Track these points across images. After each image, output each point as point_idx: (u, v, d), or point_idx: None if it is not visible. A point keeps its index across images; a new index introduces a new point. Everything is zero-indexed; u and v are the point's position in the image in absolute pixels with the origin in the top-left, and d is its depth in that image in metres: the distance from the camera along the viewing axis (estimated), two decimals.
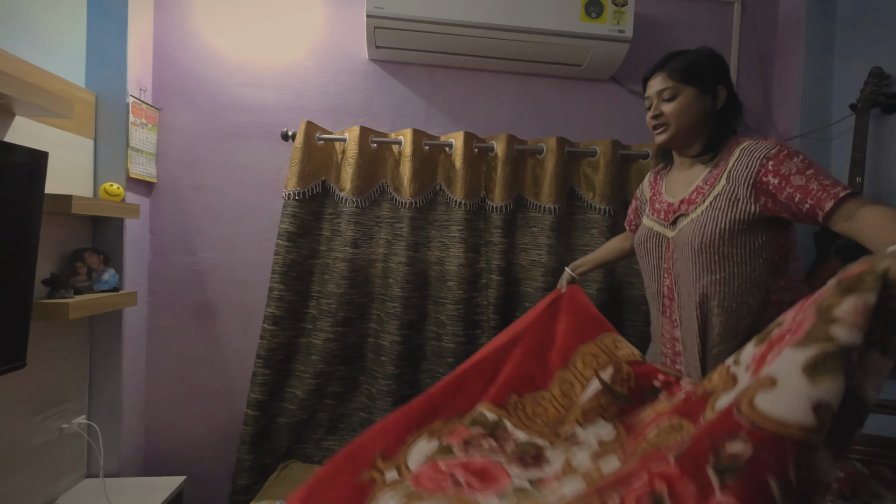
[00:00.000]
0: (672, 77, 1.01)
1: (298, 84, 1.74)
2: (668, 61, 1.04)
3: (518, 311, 1.73)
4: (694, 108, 1.01)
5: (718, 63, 1.04)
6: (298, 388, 1.64)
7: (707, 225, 0.98)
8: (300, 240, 1.63)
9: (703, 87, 1.01)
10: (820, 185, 0.85)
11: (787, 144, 0.93)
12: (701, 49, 1.05)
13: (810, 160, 0.90)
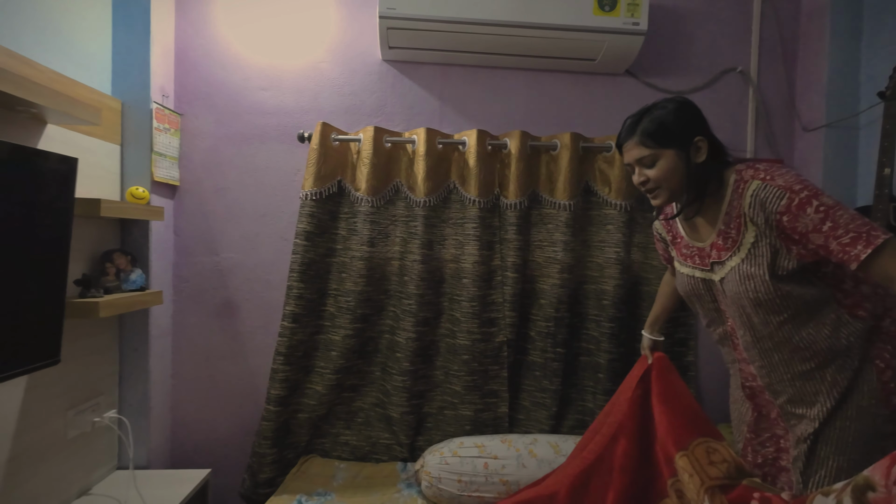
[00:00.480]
0: (645, 144, 0.97)
1: (314, 86, 1.78)
2: (636, 126, 1.00)
3: (534, 307, 1.74)
4: (679, 168, 0.97)
5: (688, 114, 0.99)
6: (319, 384, 1.68)
7: (755, 277, 0.93)
8: (317, 239, 1.66)
9: (681, 145, 0.97)
10: (839, 245, 0.81)
11: (797, 184, 0.86)
12: (665, 103, 1.00)
13: (827, 205, 0.83)
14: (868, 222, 0.81)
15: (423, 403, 1.73)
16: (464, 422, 1.69)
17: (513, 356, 1.72)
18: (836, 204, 0.84)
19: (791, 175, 0.89)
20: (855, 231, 0.80)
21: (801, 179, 0.88)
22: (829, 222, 0.82)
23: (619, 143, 1.05)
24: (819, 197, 0.84)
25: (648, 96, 1.83)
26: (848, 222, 0.81)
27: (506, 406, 1.70)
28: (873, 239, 0.78)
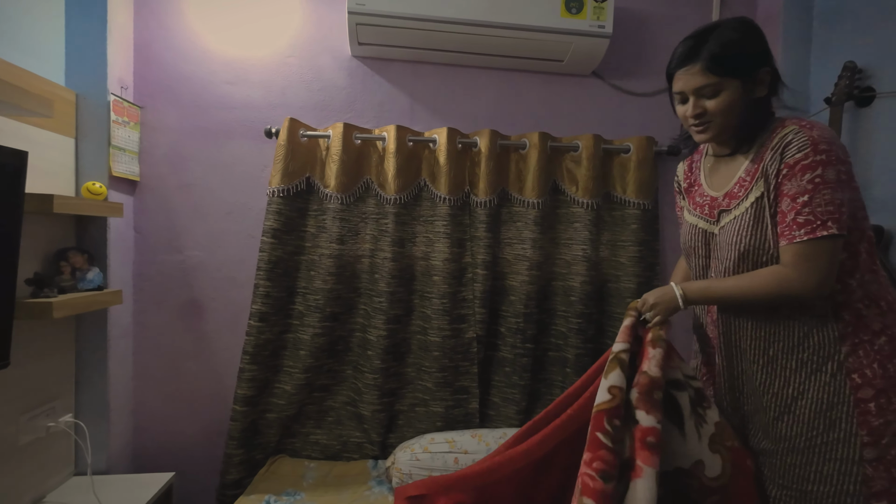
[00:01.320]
0: (712, 71, 0.86)
1: (282, 81, 1.75)
2: (701, 47, 0.87)
3: (503, 304, 1.76)
4: (740, 103, 0.88)
5: (760, 41, 0.89)
6: (287, 383, 1.66)
7: (749, 227, 0.89)
8: (285, 236, 1.64)
9: (748, 76, 0.87)
10: (794, 220, 0.80)
11: (823, 144, 0.81)
12: (735, 23, 0.89)
13: (824, 181, 0.79)
14: (835, 213, 0.79)
15: (395, 401, 1.74)
16: (435, 418, 1.70)
17: (483, 352, 1.74)
18: (833, 182, 0.79)
19: (827, 133, 0.83)
20: (815, 215, 0.78)
21: (832, 141, 0.82)
22: (807, 196, 0.80)
23: (672, 68, 0.92)
24: (827, 167, 0.80)
25: (614, 97, 1.88)
26: (819, 204, 0.79)
27: (476, 402, 1.72)
28: (817, 230, 0.78)
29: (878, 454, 0.82)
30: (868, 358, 0.84)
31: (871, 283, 0.87)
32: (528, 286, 1.72)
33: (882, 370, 0.83)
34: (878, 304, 0.86)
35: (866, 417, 0.83)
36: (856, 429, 0.83)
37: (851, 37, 1.66)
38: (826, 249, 0.79)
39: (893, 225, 1.49)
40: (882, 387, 0.83)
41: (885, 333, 0.85)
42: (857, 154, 1.61)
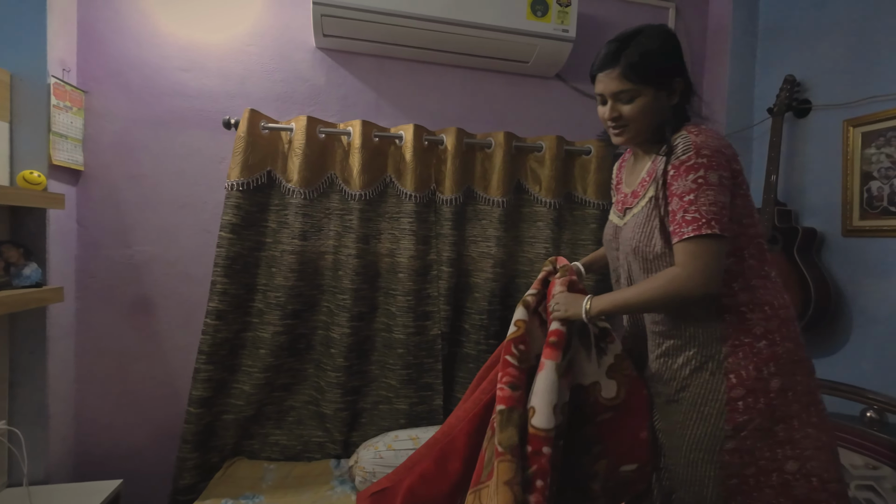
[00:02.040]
0: (629, 78, 0.90)
1: (242, 70, 1.68)
2: (621, 53, 0.91)
3: (468, 300, 1.78)
4: (654, 108, 0.92)
5: (676, 52, 0.93)
6: (246, 383, 1.61)
7: (641, 225, 0.94)
8: (245, 232, 1.58)
9: (662, 84, 0.92)
10: (683, 218, 0.84)
11: (705, 150, 0.85)
12: (652, 33, 0.93)
13: (706, 182, 0.83)
14: (718, 213, 0.82)
15: (358, 399, 1.72)
16: (399, 416, 1.69)
17: (447, 349, 1.75)
18: (715, 185, 0.83)
19: (713, 141, 0.87)
20: (700, 213, 0.82)
21: (716, 149, 0.85)
22: (693, 195, 0.83)
23: (594, 69, 0.96)
24: (709, 171, 0.83)
25: (577, 100, 1.93)
26: (703, 204, 0.82)
27: (440, 398, 1.73)
28: (703, 228, 0.81)
29: (737, 445, 0.88)
30: (746, 360, 0.88)
31: (758, 288, 0.90)
32: (492, 283, 1.74)
33: (756, 372, 0.87)
34: (762, 308, 0.89)
35: (733, 414, 0.88)
36: (723, 424, 0.88)
37: (792, 52, 1.78)
38: (710, 248, 0.82)
39: (826, 228, 1.62)
40: (752, 387, 0.87)
41: (766, 338, 0.88)
42: (794, 162, 1.74)
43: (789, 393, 0.87)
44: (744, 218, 0.90)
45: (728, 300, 0.90)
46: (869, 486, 1.32)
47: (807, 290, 1.53)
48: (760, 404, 0.87)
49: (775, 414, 0.87)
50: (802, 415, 0.89)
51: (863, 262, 1.51)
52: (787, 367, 0.88)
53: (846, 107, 1.57)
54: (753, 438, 0.87)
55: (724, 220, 0.82)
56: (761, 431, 0.87)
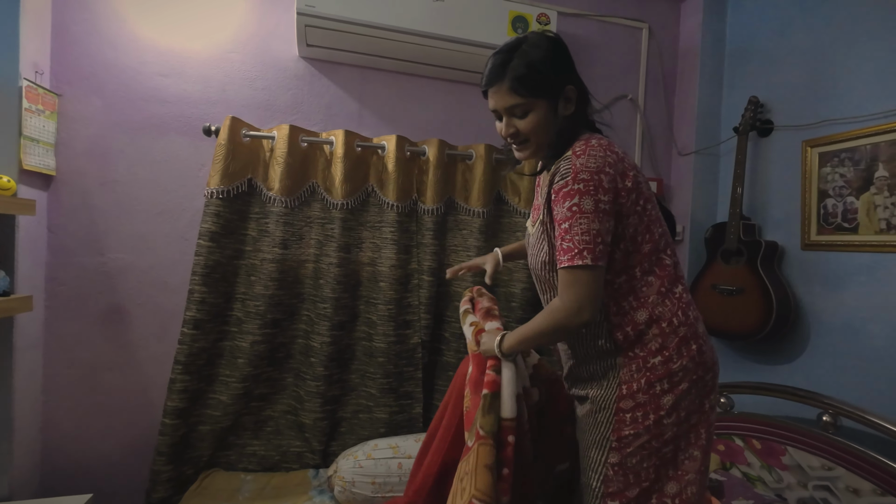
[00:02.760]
0: (518, 92, 0.87)
1: (223, 77, 1.67)
2: (505, 68, 0.87)
3: (448, 309, 1.80)
4: (550, 120, 0.89)
5: (562, 56, 0.89)
6: (223, 393, 1.59)
7: (536, 246, 0.94)
8: (224, 240, 1.57)
9: (553, 95, 0.89)
10: (561, 247, 0.83)
11: (584, 173, 0.82)
12: (536, 41, 0.88)
13: (580, 210, 0.81)
14: (590, 243, 0.81)
15: (338, 408, 1.71)
16: (378, 424, 1.70)
17: (427, 357, 1.77)
18: (589, 213, 0.81)
19: (594, 161, 0.83)
20: (574, 244, 0.81)
21: (595, 171, 0.82)
22: (567, 223, 0.82)
23: (483, 85, 0.92)
24: (584, 197, 0.81)
25: None
26: (577, 233, 0.81)
27: (420, 407, 1.74)
28: (575, 258, 0.81)
29: (620, 460, 0.87)
30: (639, 373, 0.87)
31: (657, 304, 0.88)
32: None
33: (647, 386, 0.86)
34: (659, 324, 0.88)
35: (620, 426, 0.87)
36: (609, 433, 0.89)
37: (756, 74, 1.88)
38: (581, 278, 0.81)
39: (787, 242, 1.72)
40: (642, 401, 0.87)
41: (661, 354, 0.87)
42: (757, 178, 1.84)
43: (682, 412, 0.86)
44: (638, 235, 0.88)
45: (618, 318, 0.89)
46: (825, 486, 1.40)
47: (769, 301, 1.61)
48: (649, 420, 0.86)
49: (664, 434, 0.86)
50: (691, 436, 0.87)
51: (819, 275, 1.61)
52: (682, 386, 0.86)
53: (805, 128, 1.67)
54: (639, 457, 0.86)
55: (596, 248, 0.81)
56: (647, 451, 0.86)
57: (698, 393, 0.88)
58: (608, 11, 2.02)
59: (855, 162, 1.51)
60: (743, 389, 1.68)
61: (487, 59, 0.92)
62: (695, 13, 2.03)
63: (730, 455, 1.66)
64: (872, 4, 1.50)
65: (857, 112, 1.51)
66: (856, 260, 1.51)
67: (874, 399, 1.42)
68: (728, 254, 1.76)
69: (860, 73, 1.52)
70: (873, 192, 1.46)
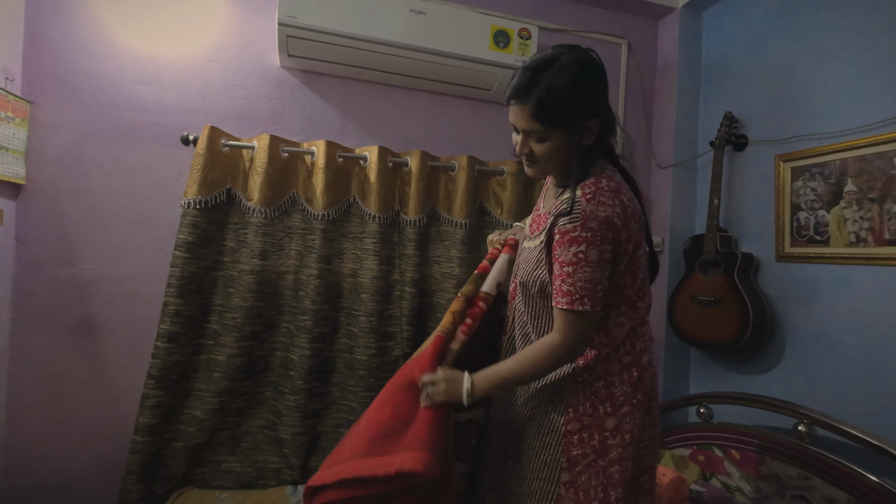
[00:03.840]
0: (538, 119, 0.86)
1: (203, 86, 1.65)
2: (530, 90, 0.86)
3: (430, 321, 1.79)
4: (565, 149, 0.90)
5: (588, 88, 0.87)
6: (198, 409, 1.54)
7: (532, 262, 0.95)
8: (201, 251, 1.53)
9: (574, 128, 0.88)
10: (559, 289, 0.86)
11: (593, 222, 0.85)
12: (567, 65, 0.85)
13: (585, 258, 0.84)
14: (592, 290, 0.84)
15: (318, 422, 1.68)
16: None
17: None
18: (594, 262, 0.84)
19: (604, 210, 0.85)
20: (575, 289, 0.84)
21: (604, 221, 0.85)
22: (571, 268, 0.84)
23: (507, 97, 0.91)
24: (591, 246, 0.84)
25: None
26: (580, 280, 0.84)
27: None
28: (575, 304, 0.84)
29: (571, 478, 0.92)
30: (584, 396, 0.93)
31: (622, 339, 0.94)
32: None
33: (592, 409, 0.92)
34: (607, 354, 0.93)
35: (569, 447, 0.92)
36: (559, 454, 0.92)
37: (731, 90, 1.94)
38: (582, 322, 0.85)
39: (762, 253, 1.75)
40: (588, 423, 0.92)
41: (604, 379, 0.93)
42: (733, 192, 1.88)
43: (625, 435, 0.91)
44: (622, 279, 0.91)
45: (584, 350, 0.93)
46: (802, 495, 1.42)
47: (745, 311, 1.64)
48: (595, 441, 0.91)
49: (609, 453, 0.91)
50: (635, 456, 0.93)
51: (793, 286, 1.64)
52: (623, 409, 0.91)
53: (777, 143, 1.72)
54: (587, 475, 0.91)
55: (596, 296, 0.85)
56: (595, 469, 0.91)
57: (639, 416, 0.94)
58: (588, 27, 2.06)
59: (825, 176, 1.56)
60: (721, 399, 1.70)
61: (517, 69, 0.90)
62: (671, 30, 2.08)
63: (710, 465, 1.68)
64: (840, 25, 1.55)
65: (827, 128, 1.56)
66: (827, 272, 1.54)
67: (847, 409, 1.45)
68: (706, 265, 1.79)
69: (829, 90, 1.58)
70: (843, 206, 1.50)
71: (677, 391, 2.01)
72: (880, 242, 1.41)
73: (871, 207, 1.43)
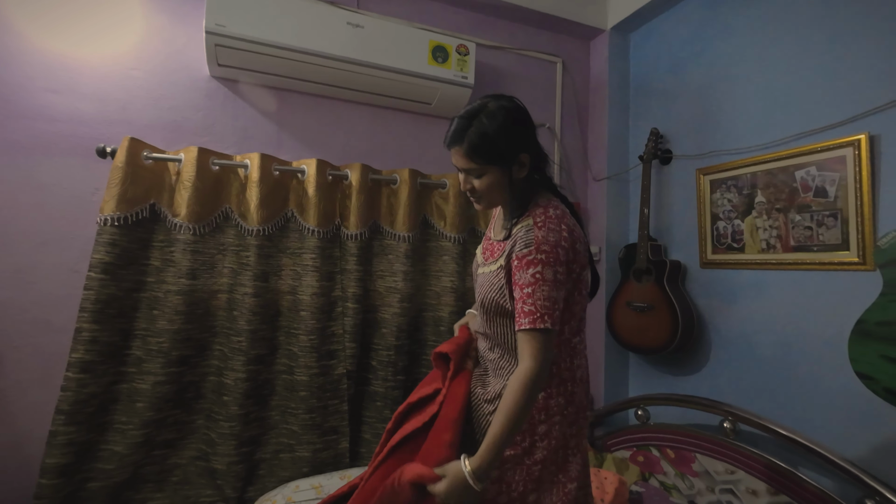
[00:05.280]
0: (472, 159, 0.96)
1: (124, 95, 1.55)
2: (465, 132, 0.96)
3: (375, 337, 1.76)
4: (502, 183, 0.99)
5: (515, 129, 0.97)
6: (119, 443, 1.42)
7: (491, 285, 1.00)
8: (121, 271, 1.43)
9: (505, 163, 0.97)
10: (521, 309, 0.91)
11: (545, 245, 0.92)
12: (494, 112, 0.96)
13: (543, 278, 0.90)
14: (550, 309, 0.89)
15: (256, 449, 1.59)
16: (301, 464, 1.60)
17: (353, 388, 1.70)
18: (550, 281, 0.90)
19: (554, 235, 0.93)
20: (535, 308, 0.89)
21: (555, 245, 0.92)
22: (530, 289, 0.90)
23: (446, 143, 1.01)
24: (546, 267, 0.91)
25: None
26: (539, 299, 0.89)
27: (346, 441, 1.66)
28: (537, 322, 0.89)
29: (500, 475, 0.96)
30: None
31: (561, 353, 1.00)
32: (400, 318, 1.74)
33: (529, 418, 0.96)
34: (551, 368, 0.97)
35: None
36: None
37: (656, 108, 2.07)
38: (543, 341, 0.90)
39: (688, 260, 1.87)
40: (523, 429, 0.96)
41: (544, 391, 0.98)
42: (662, 203, 2.00)
43: (552, 440, 0.98)
44: (570, 297, 0.98)
45: None
46: (729, 489, 1.50)
47: (675, 316, 1.73)
48: (526, 443, 0.98)
49: (535, 454, 0.98)
50: (558, 460, 0.99)
51: (717, 291, 1.76)
52: (555, 418, 0.98)
53: (698, 158, 1.84)
54: (513, 471, 0.98)
55: (555, 313, 0.90)
56: (520, 465, 0.98)
57: (569, 425, 1.01)
58: (525, 45, 2.14)
59: (739, 189, 1.69)
60: (657, 401, 1.78)
61: (453, 118, 1.00)
62: (602, 51, 2.20)
63: (648, 465, 1.74)
64: (748, 52, 1.70)
65: (739, 144, 1.70)
66: (744, 277, 1.67)
67: (765, 405, 1.55)
68: (639, 272, 1.88)
69: (740, 110, 1.72)
70: (755, 215, 1.63)
71: (618, 395, 2.08)
72: (787, 249, 1.54)
73: (778, 217, 1.56)
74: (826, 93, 1.46)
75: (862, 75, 1.38)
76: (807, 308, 1.48)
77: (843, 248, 1.39)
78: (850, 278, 1.38)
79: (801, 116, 1.52)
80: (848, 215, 1.38)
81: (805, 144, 1.50)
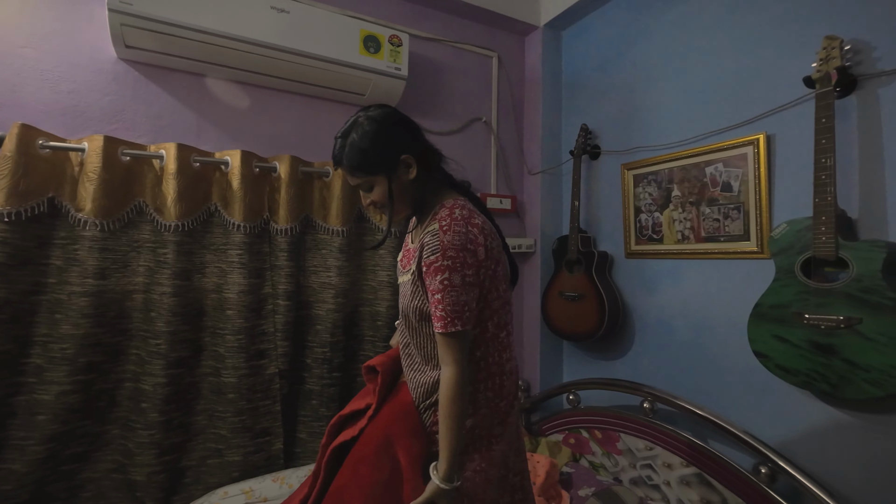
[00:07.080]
0: (354, 174, 0.98)
1: (13, 77, 1.39)
2: (342, 152, 0.97)
3: (309, 334, 1.71)
4: (396, 188, 0.99)
5: (386, 134, 0.97)
6: (16, 461, 1.29)
7: (409, 293, 1.01)
8: (14, 273, 1.29)
9: (388, 169, 0.97)
10: (434, 315, 0.93)
11: (451, 250, 0.92)
12: (363, 126, 0.96)
13: (450, 283, 0.91)
14: (460, 312, 0.92)
15: (180, 457, 1.51)
16: (231, 469, 1.53)
17: (287, 387, 1.65)
18: (458, 286, 0.92)
19: (459, 238, 0.93)
20: (446, 313, 0.92)
21: (461, 248, 0.93)
22: (440, 295, 0.92)
23: (334, 166, 1.03)
24: (453, 273, 0.92)
25: None
26: (449, 304, 0.92)
27: (280, 442, 1.62)
28: (448, 326, 0.92)
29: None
30: None
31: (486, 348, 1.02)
32: (335, 314, 1.71)
33: None
34: (478, 363, 1.01)
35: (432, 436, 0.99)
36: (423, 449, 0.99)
37: (586, 105, 2.14)
38: (458, 343, 0.93)
39: (615, 251, 1.97)
40: None
41: (472, 385, 1.00)
42: (591, 196, 2.08)
43: (477, 430, 1.00)
44: (489, 294, 0.99)
45: None
46: (648, 464, 1.61)
47: (602, 304, 1.82)
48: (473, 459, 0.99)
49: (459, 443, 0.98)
50: (482, 448, 1.01)
51: (640, 279, 1.87)
52: (482, 411, 1.00)
53: (622, 153, 1.94)
54: None
55: (465, 316, 0.93)
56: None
57: (495, 416, 1.02)
58: (460, 38, 2.14)
59: (658, 183, 1.79)
60: (586, 385, 1.87)
61: (335, 138, 1.00)
62: (536, 47, 2.25)
63: (579, 447, 1.84)
64: (667, 54, 1.80)
65: (658, 141, 1.80)
66: (662, 266, 1.78)
67: (683, 384, 1.68)
68: (570, 263, 1.96)
69: (660, 108, 1.82)
70: (672, 208, 1.74)
71: (553, 381, 2.17)
72: (699, 239, 1.66)
73: (691, 210, 1.68)
74: (732, 94, 1.58)
75: (762, 78, 1.50)
76: (715, 294, 1.61)
77: (745, 239, 1.52)
78: (751, 266, 1.51)
79: (711, 116, 1.64)
80: (749, 208, 1.51)
81: (714, 143, 1.61)
